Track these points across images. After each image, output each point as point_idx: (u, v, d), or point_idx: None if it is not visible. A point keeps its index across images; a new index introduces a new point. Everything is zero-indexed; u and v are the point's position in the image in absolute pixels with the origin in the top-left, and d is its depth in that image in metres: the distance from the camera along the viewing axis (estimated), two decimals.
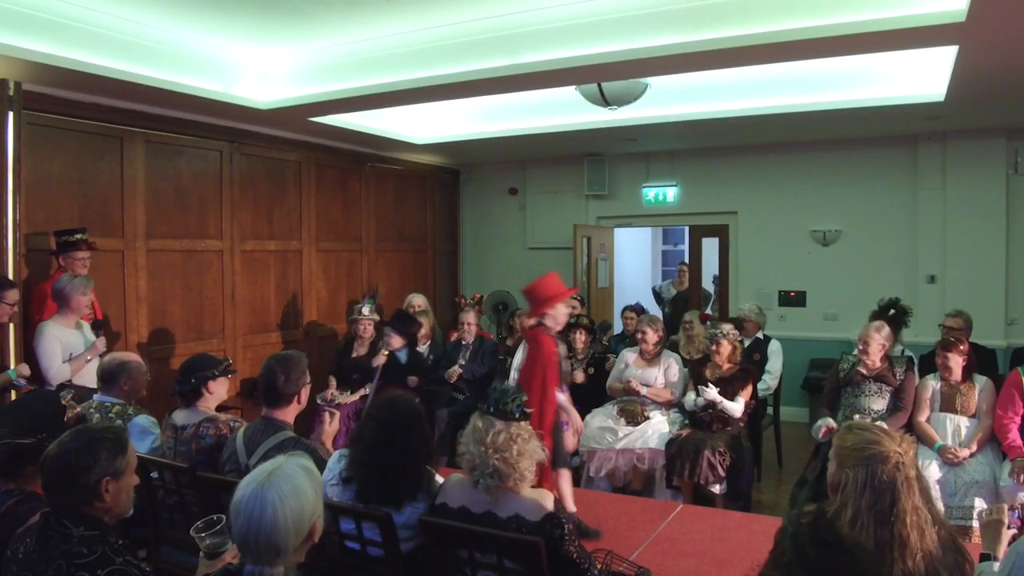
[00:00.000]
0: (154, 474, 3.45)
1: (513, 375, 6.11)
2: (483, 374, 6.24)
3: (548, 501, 2.61)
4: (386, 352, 5.92)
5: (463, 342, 6.38)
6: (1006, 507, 2.44)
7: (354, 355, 6.46)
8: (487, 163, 9.62)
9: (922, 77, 5.59)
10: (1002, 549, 2.34)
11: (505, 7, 4.85)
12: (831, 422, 4.85)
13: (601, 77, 5.28)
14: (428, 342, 6.51)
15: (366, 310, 6.52)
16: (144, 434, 3.72)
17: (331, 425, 3.48)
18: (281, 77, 5.89)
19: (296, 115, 6.21)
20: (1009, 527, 2.38)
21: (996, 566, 2.28)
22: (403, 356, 6.25)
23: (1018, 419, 4.59)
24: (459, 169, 9.87)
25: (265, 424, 3.26)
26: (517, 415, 2.65)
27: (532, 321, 4.56)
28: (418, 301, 7.06)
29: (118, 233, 5.78)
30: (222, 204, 6.59)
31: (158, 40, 5.13)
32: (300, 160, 7.39)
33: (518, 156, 9.09)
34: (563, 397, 4.41)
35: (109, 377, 3.82)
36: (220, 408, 3.89)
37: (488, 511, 2.62)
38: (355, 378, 6.22)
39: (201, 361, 3.73)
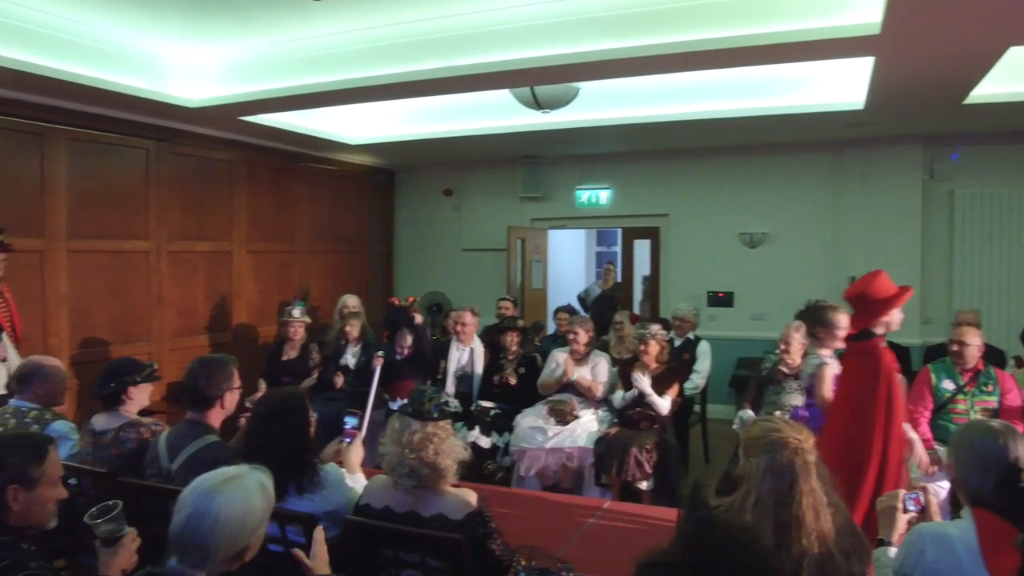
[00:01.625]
0: (73, 481, 3.37)
1: (451, 376, 6.17)
2: (418, 375, 6.24)
3: (472, 499, 2.64)
4: (381, 354, 5.82)
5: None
6: (901, 492, 2.55)
7: (284, 358, 6.39)
8: (422, 164, 9.61)
9: (844, 86, 5.80)
10: (896, 534, 2.46)
11: (440, 10, 4.88)
12: (750, 414, 5.02)
13: (534, 81, 5.35)
14: (360, 344, 6.47)
15: (297, 312, 6.46)
16: (62, 440, 3.62)
17: (352, 451, 3.33)
18: (212, 75, 5.80)
19: (227, 114, 6.12)
20: (906, 511, 2.49)
21: (892, 551, 2.40)
22: (353, 358, 6.29)
23: (928, 413, 4.80)
24: (394, 170, 9.84)
25: (189, 428, 3.22)
26: (435, 415, 2.66)
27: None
28: (352, 302, 7.02)
29: (38, 233, 5.62)
30: (149, 204, 6.46)
31: (83, 35, 5.01)
32: (231, 160, 7.28)
33: (454, 157, 9.11)
34: (909, 427, 3.72)
35: (23, 380, 3.72)
36: (145, 412, 3.83)
37: (411, 511, 2.64)
38: (285, 381, 6.16)
39: (123, 366, 3.66)
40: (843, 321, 4.36)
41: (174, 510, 1.88)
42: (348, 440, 3.28)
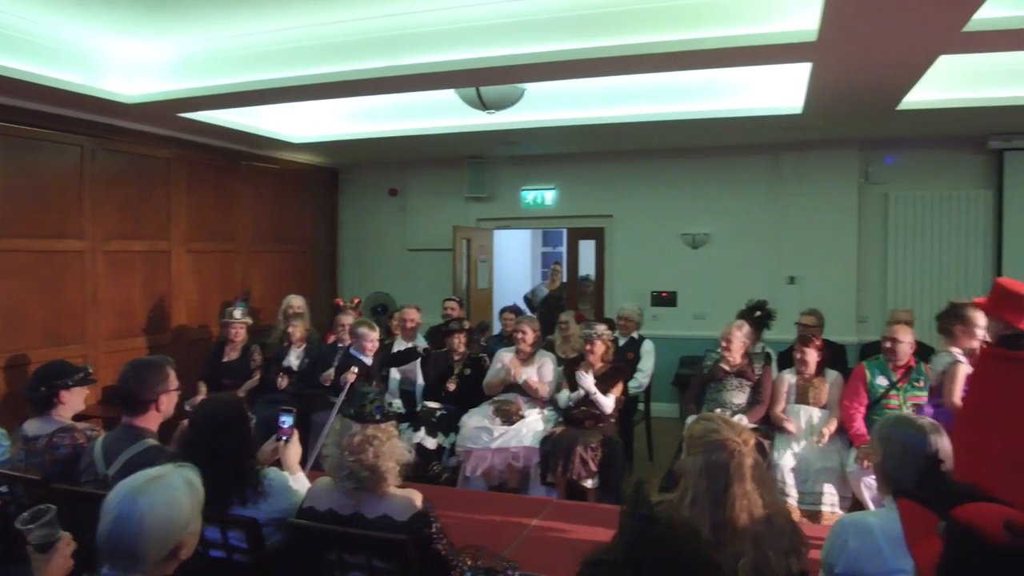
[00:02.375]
0: (3, 488, 3.26)
1: (395, 376, 6.13)
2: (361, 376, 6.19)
3: (416, 499, 2.63)
4: (355, 370, 5.64)
5: (340, 344, 6.30)
6: None
7: (225, 359, 6.28)
8: (367, 163, 9.53)
9: (783, 91, 5.93)
10: None
11: (385, 8, 4.85)
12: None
13: (480, 81, 5.35)
14: (304, 345, 6.39)
15: (238, 313, 6.35)
16: None
17: (290, 450, 3.23)
18: (150, 70, 5.66)
19: (165, 110, 5.98)
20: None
21: None
22: (296, 359, 6.23)
23: (863, 409, 4.95)
24: (338, 169, 9.74)
25: (126, 432, 3.14)
26: (377, 417, 2.65)
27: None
28: (296, 303, 6.93)
29: None
30: (83, 202, 6.27)
31: (12, 27, 4.83)
32: (170, 157, 7.11)
33: (399, 157, 9.05)
34: None
35: None
36: (81, 417, 3.72)
37: (356, 512, 2.62)
38: (225, 383, 6.05)
39: (56, 369, 3.55)
40: (982, 320, 4.26)
41: (101, 515, 1.84)
42: (285, 439, 3.23)
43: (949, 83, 5.54)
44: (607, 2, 4.45)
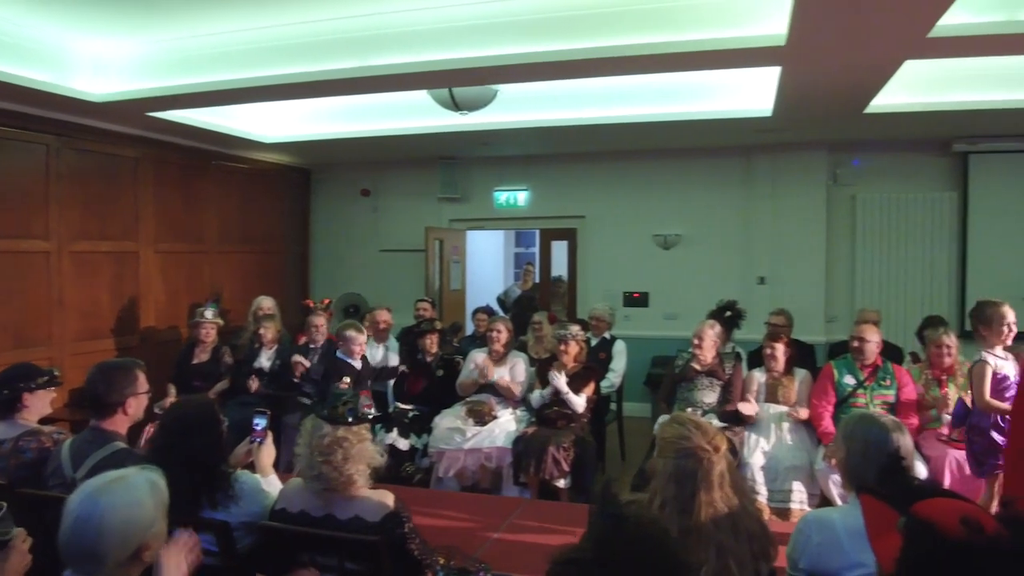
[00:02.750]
0: None
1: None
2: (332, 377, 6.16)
3: (389, 500, 2.63)
4: (347, 380, 5.47)
5: (311, 345, 6.26)
6: None
7: (195, 361, 6.21)
8: (339, 164, 9.48)
9: (753, 94, 5.99)
10: None
11: (356, 8, 4.82)
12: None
13: (452, 82, 5.35)
14: (275, 347, 6.34)
15: (209, 314, 6.29)
16: None
17: (263, 452, 3.20)
18: (118, 69, 5.58)
19: (133, 109, 5.90)
20: None
21: None
22: (267, 361, 6.17)
23: (831, 408, 5.01)
24: (310, 169, 9.67)
25: (93, 435, 3.09)
26: (349, 419, 2.64)
27: None
28: (267, 304, 6.87)
29: None
30: (49, 201, 6.17)
31: None
32: (138, 156, 7.02)
33: (371, 157, 9.01)
34: None
35: None
36: (47, 420, 3.66)
37: (328, 514, 2.61)
38: (196, 385, 5.98)
39: (19, 372, 3.49)
40: (1011, 315, 4.29)
41: (62, 517, 1.82)
42: (258, 441, 3.20)
43: (915, 87, 5.64)
44: (579, 5, 4.48)
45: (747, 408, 5.16)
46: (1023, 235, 7.42)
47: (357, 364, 5.64)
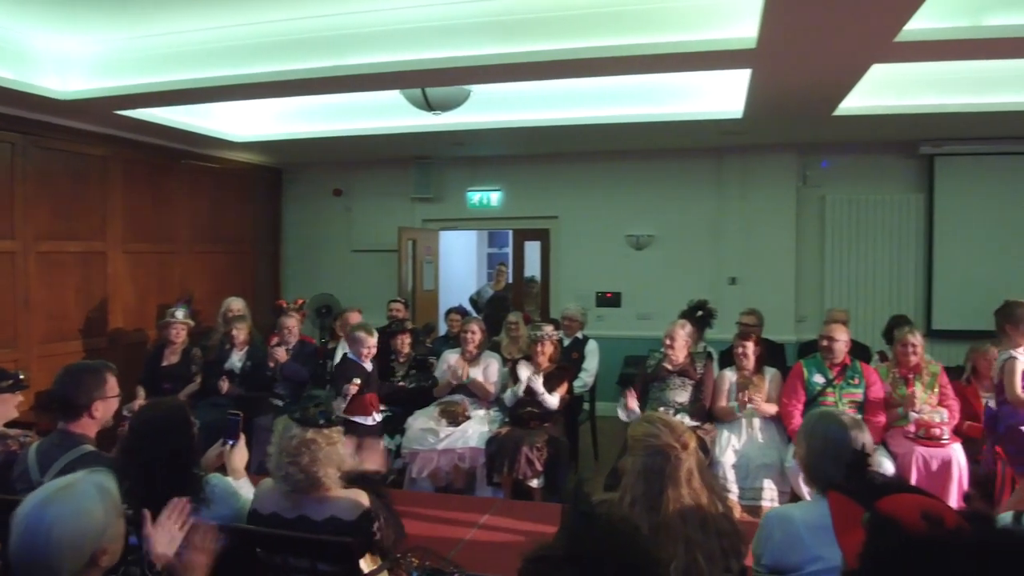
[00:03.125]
0: None
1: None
2: (304, 377, 6.13)
3: (363, 499, 2.63)
4: (358, 381, 5.20)
5: (283, 346, 6.21)
6: None
7: (165, 363, 6.14)
8: (311, 163, 9.42)
9: (724, 96, 6.04)
10: None
11: (329, 8, 4.80)
12: (637, 413, 5.19)
13: (425, 83, 5.34)
14: (246, 348, 6.29)
15: (180, 314, 6.22)
16: None
17: (236, 454, 3.16)
18: (85, 66, 5.50)
19: (101, 107, 5.83)
20: None
21: None
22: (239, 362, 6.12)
23: (800, 406, 5.08)
24: (282, 169, 9.60)
25: (61, 438, 3.05)
26: (320, 422, 2.63)
27: None
28: (236, 306, 6.80)
29: None
30: (14, 201, 6.07)
31: None
32: (106, 155, 6.93)
33: (343, 157, 8.97)
34: None
35: None
36: (14, 423, 3.60)
37: (302, 515, 2.60)
38: (165, 388, 5.91)
39: None
40: None
41: (10, 529, 1.78)
42: (231, 443, 3.18)
43: (882, 91, 5.72)
44: (551, 6, 4.49)
45: (769, 407, 5.20)
46: (987, 236, 7.57)
47: (368, 366, 5.37)
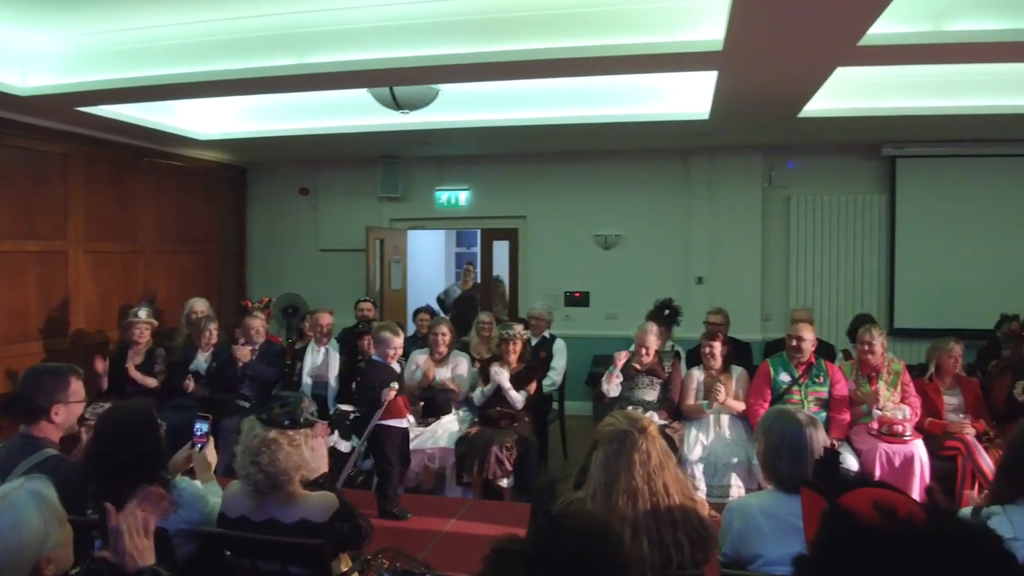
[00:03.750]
0: None
1: (307, 380, 6.03)
2: (271, 378, 6.06)
3: (333, 500, 2.61)
4: (395, 386, 4.92)
5: (246, 345, 6.13)
6: None
7: (129, 364, 6.03)
8: (277, 162, 9.32)
9: (692, 97, 6.10)
10: None
11: (294, 5, 4.75)
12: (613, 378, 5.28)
13: (392, 81, 5.32)
14: (212, 349, 6.20)
15: (143, 314, 6.12)
16: None
17: (205, 457, 3.12)
18: (46, 62, 5.39)
19: (62, 104, 5.72)
20: None
21: None
22: (205, 363, 6.02)
23: (766, 404, 5.14)
24: (247, 167, 9.49)
25: (23, 442, 2.98)
26: (285, 423, 2.60)
27: None
28: (200, 307, 6.70)
29: None
30: None
31: None
32: (67, 153, 6.80)
33: (310, 155, 8.90)
34: None
35: None
36: None
37: (271, 518, 2.57)
38: (130, 390, 5.81)
39: None
40: None
41: None
42: (200, 446, 3.13)
43: (846, 93, 5.81)
44: (519, 8, 4.50)
45: (736, 404, 5.26)
46: (948, 236, 7.72)
47: (396, 367, 5.05)
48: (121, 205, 7.49)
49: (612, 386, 5.32)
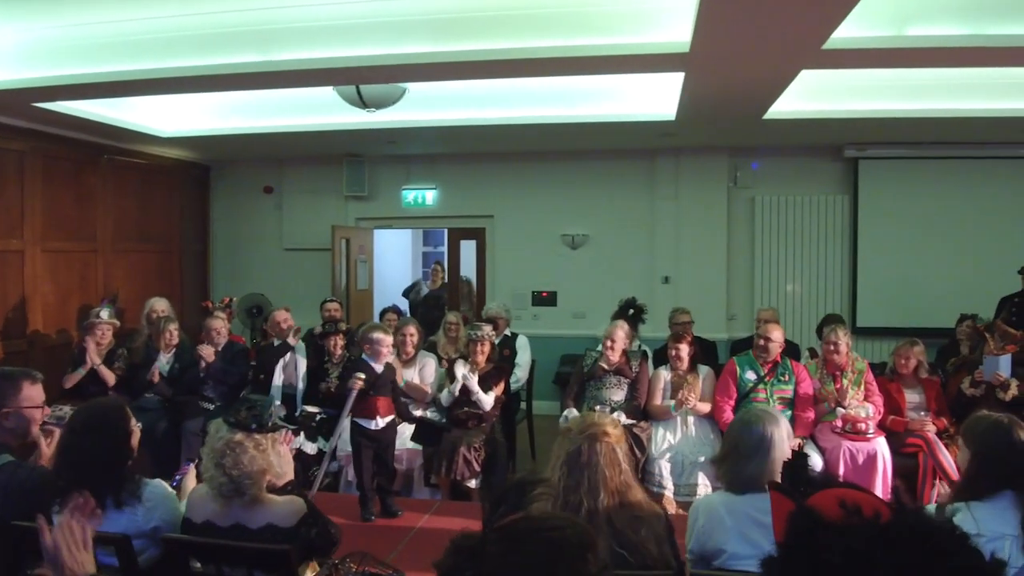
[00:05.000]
0: None
1: (277, 381, 5.94)
2: (236, 378, 5.98)
3: (300, 505, 2.58)
4: (362, 376, 4.77)
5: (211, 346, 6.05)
6: None
7: (89, 350, 5.90)
8: (241, 160, 9.19)
9: (658, 97, 6.12)
10: None
11: (259, 1, 4.68)
12: (575, 412, 5.24)
13: (358, 80, 5.27)
14: (173, 350, 6.10)
15: (105, 314, 6.01)
16: None
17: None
18: (2, 57, 5.25)
19: (18, 99, 5.58)
20: None
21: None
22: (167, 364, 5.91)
23: (732, 403, 5.19)
24: (210, 165, 9.35)
25: None
26: (252, 426, 2.56)
27: None
28: (160, 306, 6.58)
29: None
30: None
31: None
32: (23, 150, 6.63)
33: (274, 154, 8.80)
34: None
35: None
36: None
37: (237, 523, 2.53)
38: (91, 390, 5.69)
39: None
40: None
41: None
42: (179, 478, 3.10)
43: (810, 96, 5.89)
44: (487, 7, 4.48)
45: (704, 406, 5.28)
46: (908, 236, 7.87)
47: (378, 367, 4.88)
48: (80, 203, 7.33)
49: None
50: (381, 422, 4.79)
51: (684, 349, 5.45)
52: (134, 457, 2.81)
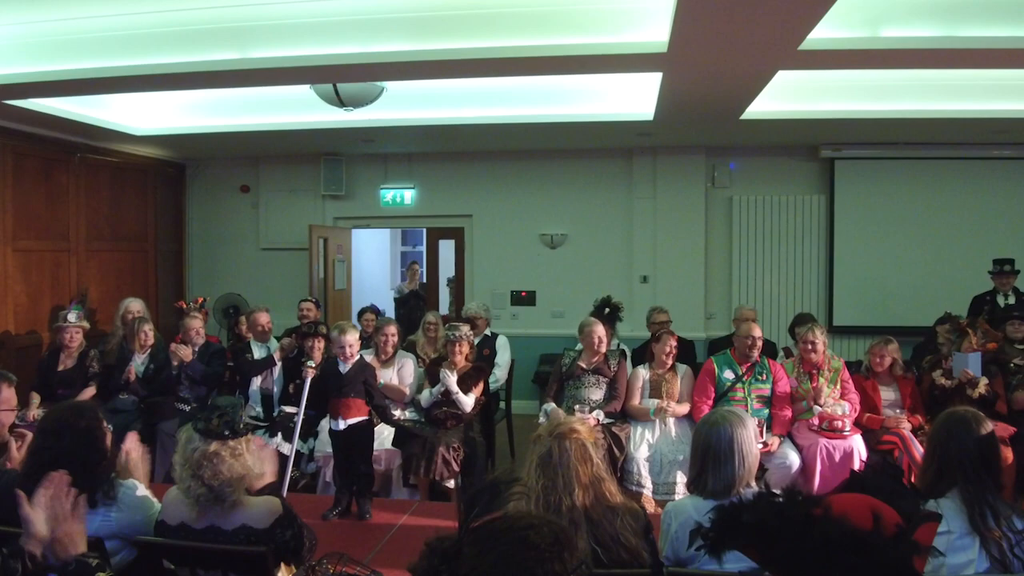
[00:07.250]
0: None
1: (255, 385, 5.87)
2: (214, 379, 5.92)
3: (275, 506, 2.55)
4: (312, 364, 4.93)
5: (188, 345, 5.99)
6: None
7: (60, 367, 5.82)
8: (217, 158, 9.10)
9: (636, 97, 6.14)
10: None
11: None
12: (553, 406, 5.28)
13: (335, 78, 5.23)
14: (148, 351, 6.03)
15: (73, 317, 5.90)
16: None
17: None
18: None
19: None
20: None
21: None
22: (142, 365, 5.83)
23: (710, 402, 5.21)
24: (185, 163, 9.24)
25: None
26: (225, 433, 2.53)
27: None
28: (135, 307, 6.50)
29: None
30: None
31: None
32: None
33: (251, 152, 8.72)
34: None
35: None
36: None
37: (212, 525, 2.50)
38: (60, 393, 5.61)
39: None
40: None
41: None
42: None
43: (787, 96, 5.93)
44: (464, 5, 4.46)
45: (682, 409, 5.30)
46: (884, 235, 7.95)
47: (344, 368, 4.74)
48: (52, 202, 7.22)
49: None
50: (343, 424, 4.63)
51: (673, 343, 5.46)
52: (108, 458, 2.78)
